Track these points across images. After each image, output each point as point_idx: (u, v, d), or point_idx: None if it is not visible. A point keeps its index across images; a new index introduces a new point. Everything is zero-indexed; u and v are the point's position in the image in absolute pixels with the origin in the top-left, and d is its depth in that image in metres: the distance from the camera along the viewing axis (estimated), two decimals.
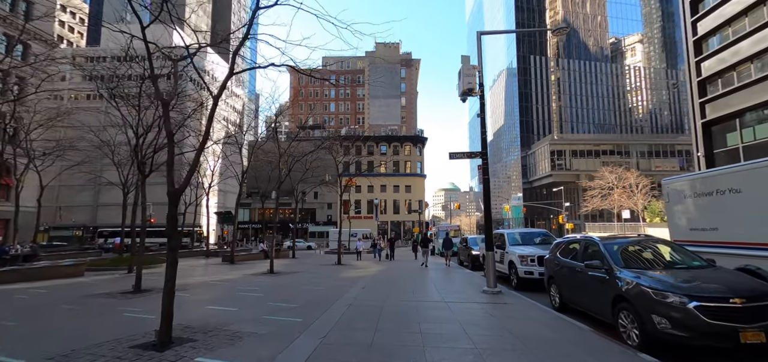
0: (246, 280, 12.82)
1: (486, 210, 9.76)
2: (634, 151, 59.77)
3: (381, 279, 12.72)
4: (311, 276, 13.93)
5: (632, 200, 33.12)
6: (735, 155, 25.52)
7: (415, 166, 64.22)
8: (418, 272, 15.15)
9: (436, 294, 9.37)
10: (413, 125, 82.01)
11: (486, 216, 9.81)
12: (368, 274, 14.37)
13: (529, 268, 10.11)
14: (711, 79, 27.56)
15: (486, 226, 9.88)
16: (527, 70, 77.29)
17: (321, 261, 21.86)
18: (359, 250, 23.53)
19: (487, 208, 9.74)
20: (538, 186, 67.24)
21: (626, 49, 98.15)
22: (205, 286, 11.51)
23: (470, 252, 17.78)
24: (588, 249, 6.47)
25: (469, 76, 9.89)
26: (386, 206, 62.70)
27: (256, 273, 14.65)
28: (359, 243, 24.03)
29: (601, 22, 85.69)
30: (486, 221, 9.85)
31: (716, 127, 27.42)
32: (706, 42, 28.22)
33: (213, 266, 18.81)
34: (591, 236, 7.01)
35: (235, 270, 16.26)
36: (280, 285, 11.48)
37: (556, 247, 7.99)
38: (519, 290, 10.23)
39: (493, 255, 9.57)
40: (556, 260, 7.63)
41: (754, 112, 24.21)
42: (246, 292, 10.07)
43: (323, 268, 17.45)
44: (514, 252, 10.91)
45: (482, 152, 9.93)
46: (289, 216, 67.98)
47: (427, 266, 17.03)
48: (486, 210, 9.76)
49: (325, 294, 9.49)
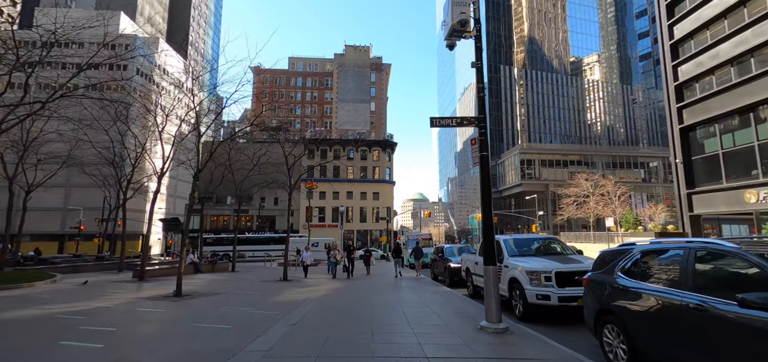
0: (119, 310, 8.61)
1: (484, 200, 6.46)
2: (599, 162, 60.44)
3: (329, 306, 8.99)
4: (231, 301, 9.89)
5: (609, 207, 31.91)
6: (714, 161, 24.52)
7: (384, 172, 61.03)
8: (383, 293, 11.59)
9: (410, 336, 5.88)
10: (383, 132, 79.18)
11: (484, 210, 6.48)
12: (315, 296, 10.62)
13: (544, 290, 6.90)
14: (688, 84, 26.73)
15: (484, 226, 6.53)
16: (498, 79, 77.30)
17: (264, 277, 17.69)
18: (306, 264, 17.87)
19: (486, 197, 6.44)
20: (507, 195, 66.36)
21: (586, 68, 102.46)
22: (18, 326, 7.12)
23: (448, 265, 14.53)
24: (741, 268, 3.23)
25: (461, 6, 6.61)
26: (352, 214, 58.79)
27: (155, 297, 10.41)
28: (306, 255, 17.90)
29: (563, 42, 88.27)
30: (484, 217, 6.51)
31: (694, 132, 26.50)
32: (682, 46, 27.51)
33: (112, 284, 14.11)
34: (724, 243, 3.61)
35: (130, 292, 11.84)
36: (161, 321, 7.46)
37: (611, 261, 4.79)
38: (528, 322, 7.00)
39: (497, 272, 6.24)
40: (618, 284, 4.41)
41: (733, 117, 23.29)
42: (70, 342, 5.98)
43: (260, 287, 13.44)
44: (517, 266, 7.69)
45: (479, 118, 6.69)
46: (245, 224, 62.28)
47: (401, 275, 16.94)
48: (484, 200, 6.46)
49: (224, 341, 5.69)
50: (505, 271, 8.18)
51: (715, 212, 24.86)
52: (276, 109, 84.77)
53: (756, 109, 21.78)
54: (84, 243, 49.90)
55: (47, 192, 55.82)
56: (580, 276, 6.86)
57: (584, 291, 5.15)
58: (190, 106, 14.97)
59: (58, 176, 26.56)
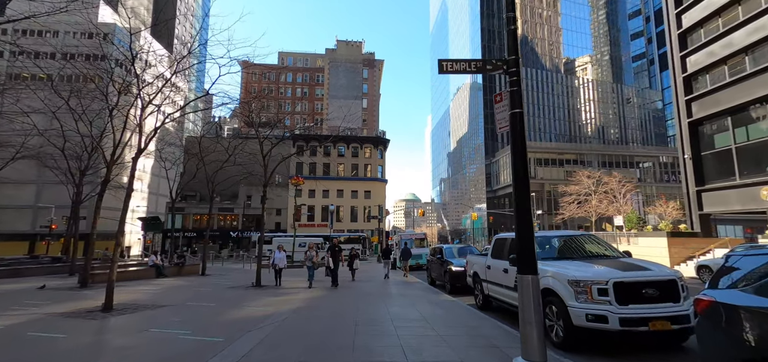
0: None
1: (519, 176, 4.43)
2: (595, 162, 59.35)
3: (296, 329, 6.72)
4: (169, 319, 7.57)
5: (614, 206, 30.33)
6: (727, 157, 23.05)
7: (376, 170, 58.90)
8: (370, 306, 9.51)
9: None
10: (375, 129, 77.09)
11: (519, 190, 4.42)
12: (284, 311, 8.50)
13: (597, 309, 4.91)
14: (697, 75, 25.27)
15: (518, 215, 4.43)
16: (492, 76, 75.88)
17: (236, 281, 15.42)
18: (278, 268, 14.08)
19: (520, 171, 4.42)
20: (502, 195, 64.87)
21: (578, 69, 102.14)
22: None
23: (448, 269, 12.52)
24: None
25: None
26: (343, 213, 56.54)
27: (74, 312, 8.07)
28: (278, 256, 14.10)
29: (556, 44, 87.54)
30: (518, 199, 4.42)
31: (703, 127, 25.02)
32: (691, 36, 26.05)
33: (35, 292, 11.66)
34: None
35: (51, 303, 9.44)
36: (40, 357, 5.23)
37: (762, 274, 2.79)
38: (571, 352, 5.00)
39: (537, 285, 4.21)
40: None
41: (748, 108, 21.80)
42: None
43: (221, 296, 11.23)
44: (550, 272, 5.66)
45: (510, 60, 4.68)
46: (231, 223, 59.55)
47: (388, 277, 16.57)
48: (519, 176, 4.43)
49: None
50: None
51: (727, 210, 23.40)
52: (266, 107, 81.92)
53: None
54: (56, 243, 46.68)
55: (18, 190, 52.56)
56: (653, 289, 4.88)
57: (699, 323, 3.15)
58: (173, 99, 12.93)
59: (29, 172, 23.93)
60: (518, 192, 4.38)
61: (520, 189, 4.39)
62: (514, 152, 4.48)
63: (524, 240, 4.29)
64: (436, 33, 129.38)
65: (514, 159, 4.48)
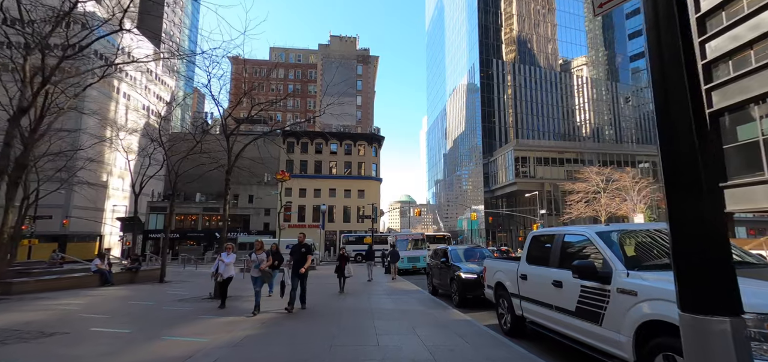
0: None
1: (662, 89, 1.97)
2: (595, 160, 57.64)
3: None
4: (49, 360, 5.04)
5: (627, 204, 28.25)
6: (753, 150, 21.04)
7: (370, 168, 56.44)
8: (349, 335, 7.08)
9: None
10: (369, 127, 74.71)
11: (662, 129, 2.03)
12: (220, 343, 5.99)
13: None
14: (718, 62, 23.28)
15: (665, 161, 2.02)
16: (489, 75, 74.04)
17: (192, 292, 12.83)
18: (223, 278, 9.59)
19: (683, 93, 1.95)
20: (500, 195, 62.84)
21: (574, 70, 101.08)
22: None
23: (456, 276, 10.13)
24: None
25: None
26: (335, 213, 53.96)
27: None
28: (227, 260, 9.64)
29: (552, 44, 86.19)
30: (668, 163, 2.05)
31: (724, 118, 23.02)
32: (710, 20, 24.07)
33: None
34: None
35: None
36: None
37: None
38: None
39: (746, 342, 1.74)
40: None
41: None
42: None
43: (154, 314, 8.72)
44: (657, 290, 3.26)
45: None
46: (217, 224, 56.64)
47: (372, 279, 16.56)
48: (662, 89, 1.97)
49: None
50: (620, 302, 3.81)
51: (753, 208, 21.38)
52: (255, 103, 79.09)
53: None
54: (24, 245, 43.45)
55: None
56: None
57: None
58: (160, 95, 10.47)
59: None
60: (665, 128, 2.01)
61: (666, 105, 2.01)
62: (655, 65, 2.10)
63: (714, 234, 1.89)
64: (432, 30, 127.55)
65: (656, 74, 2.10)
